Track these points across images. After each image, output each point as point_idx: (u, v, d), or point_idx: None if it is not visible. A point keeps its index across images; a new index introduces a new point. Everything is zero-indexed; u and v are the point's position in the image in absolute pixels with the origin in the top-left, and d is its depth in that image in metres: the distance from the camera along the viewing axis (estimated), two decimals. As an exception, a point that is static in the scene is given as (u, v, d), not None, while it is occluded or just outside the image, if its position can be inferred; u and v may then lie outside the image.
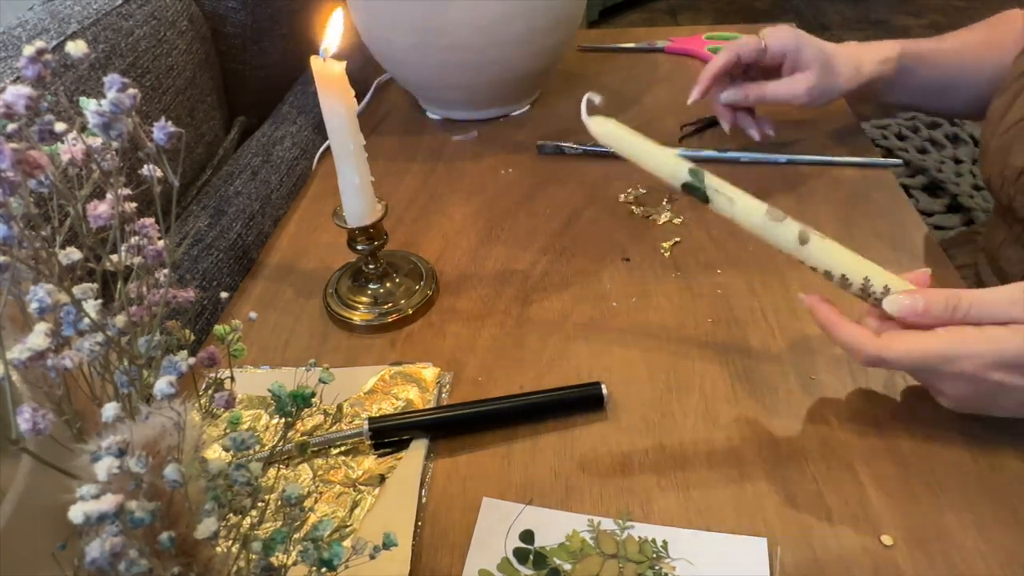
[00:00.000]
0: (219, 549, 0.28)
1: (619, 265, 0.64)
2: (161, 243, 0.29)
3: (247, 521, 0.29)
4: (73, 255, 0.26)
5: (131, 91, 0.24)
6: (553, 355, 0.56)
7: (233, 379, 0.33)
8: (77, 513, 0.20)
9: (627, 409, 0.51)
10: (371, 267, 0.62)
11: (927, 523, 0.43)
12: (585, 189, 0.74)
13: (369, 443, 0.49)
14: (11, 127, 0.23)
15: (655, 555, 0.42)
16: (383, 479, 0.48)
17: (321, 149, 0.84)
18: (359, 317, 0.60)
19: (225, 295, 0.37)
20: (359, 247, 0.59)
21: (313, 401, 0.33)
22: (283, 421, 0.33)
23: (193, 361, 0.27)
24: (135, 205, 0.28)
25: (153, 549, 0.23)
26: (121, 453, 0.22)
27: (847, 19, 2.87)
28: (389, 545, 0.32)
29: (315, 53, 0.50)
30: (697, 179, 0.44)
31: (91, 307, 0.25)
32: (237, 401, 0.36)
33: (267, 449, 0.34)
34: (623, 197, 0.72)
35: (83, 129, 0.25)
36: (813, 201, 0.69)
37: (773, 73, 0.71)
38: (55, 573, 0.24)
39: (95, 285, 0.27)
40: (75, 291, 0.25)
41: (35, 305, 0.22)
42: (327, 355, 0.58)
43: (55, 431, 0.22)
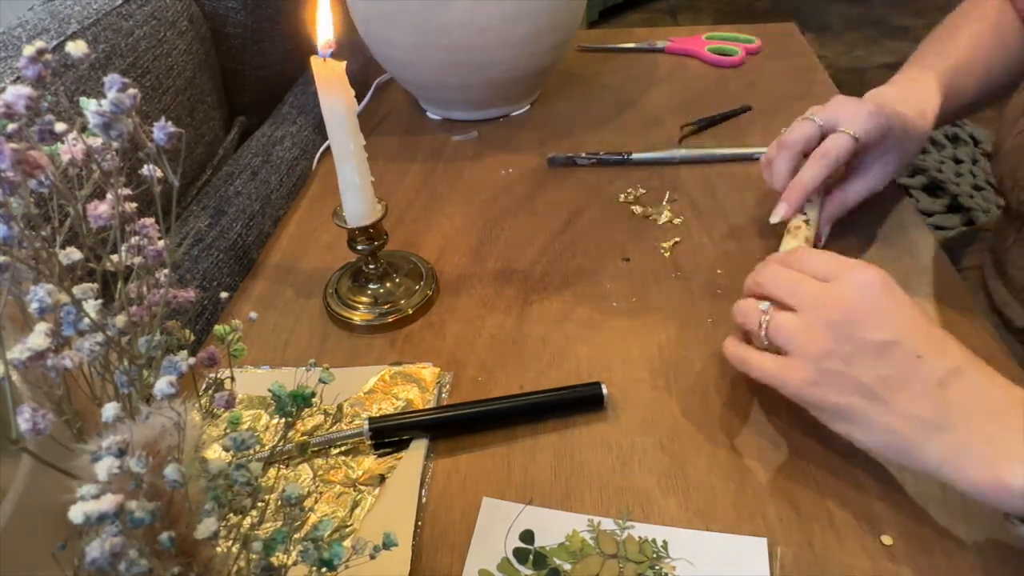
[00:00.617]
0: (219, 549, 0.28)
1: (619, 265, 0.64)
2: (161, 243, 0.29)
3: (247, 521, 0.29)
4: (73, 255, 0.26)
5: (131, 91, 0.24)
6: (553, 355, 0.56)
7: (233, 379, 0.33)
8: (77, 513, 0.20)
9: (627, 409, 0.51)
10: (371, 267, 0.62)
11: (927, 523, 0.43)
12: (585, 189, 0.74)
13: (369, 443, 0.49)
14: (11, 127, 0.23)
15: (655, 555, 0.42)
16: (383, 479, 0.48)
17: (321, 149, 0.84)
18: (359, 317, 0.60)
19: (225, 295, 0.37)
20: (359, 247, 0.59)
21: (313, 401, 0.33)
22: (283, 421, 0.33)
23: (193, 361, 0.27)
24: (135, 205, 0.28)
25: (153, 549, 0.23)
26: (121, 453, 0.22)
27: (847, 19, 2.87)
28: (389, 545, 0.32)
29: (315, 53, 0.50)
30: None
31: (91, 307, 0.25)
32: (237, 401, 0.36)
33: (267, 449, 0.34)
34: (623, 197, 0.72)
35: (83, 129, 0.25)
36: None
37: None
38: (55, 573, 0.24)
39: (95, 285, 0.27)
40: (75, 291, 0.25)
41: (35, 305, 0.22)
42: (327, 355, 0.58)
43: (55, 431, 0.22)
